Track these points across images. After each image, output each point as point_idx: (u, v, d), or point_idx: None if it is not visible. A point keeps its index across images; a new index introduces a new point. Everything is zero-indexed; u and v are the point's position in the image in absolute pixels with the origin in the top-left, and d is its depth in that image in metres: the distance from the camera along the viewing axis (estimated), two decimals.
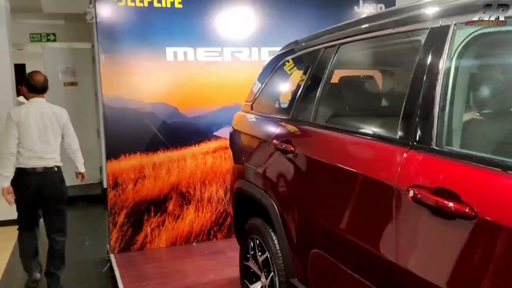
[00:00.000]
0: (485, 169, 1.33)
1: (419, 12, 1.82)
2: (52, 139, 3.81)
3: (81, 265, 4.57)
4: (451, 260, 1.39)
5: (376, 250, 1.71)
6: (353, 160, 1.93)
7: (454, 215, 1.35)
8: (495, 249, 1.27)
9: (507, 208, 1.24)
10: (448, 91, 1.56)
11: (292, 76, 2.90)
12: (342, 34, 2.32)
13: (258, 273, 2.84)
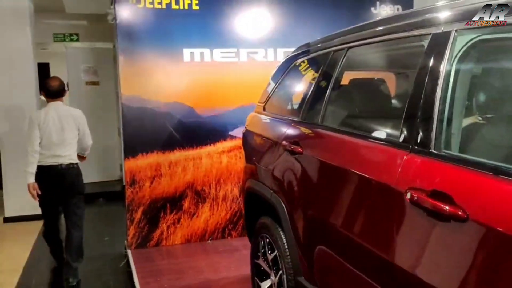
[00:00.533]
0: (478, 173, 1.37)
1: (422, 18, 1.86)
2: (69, 139, 4.06)
3: (100, 260, 4.69)
4: (445, 261, 1.43)
5: (377, 249, 1.76)
6: (357, 162, 1.98)
7: (448, 217, 1.39)
8: (485, 250, 1.30)
9: (497, 211, 1.27)
10: (447, 96, 1.60)
11: (302, 78, 2.94)
12: (350, 38, 2.37)
13: (268, 271, 2.91)
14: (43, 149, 3.96)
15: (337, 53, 2.46)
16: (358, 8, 5.07)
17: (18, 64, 5.83)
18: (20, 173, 4.71)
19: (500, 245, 1.26)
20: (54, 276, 4.47)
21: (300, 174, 2.43)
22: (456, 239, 1.39)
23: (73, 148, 4.10)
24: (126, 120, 4.56)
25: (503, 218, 1.25)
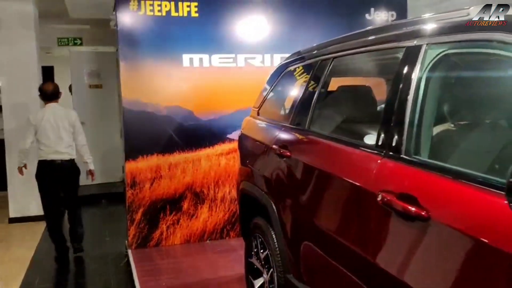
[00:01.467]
0: (440, 177, 1.51)
1: (399, 32, 1.99)
2: (65, 136, 4.61)
3: (101, 259, 4.83)
4: (411, 257, 1.57)
5: (354, 247, 1.89)
6: (337, 166, 2.11)
7: (413, 217, 1.53)
8: (444, 248, 1.44)
9: (454, 211, 1.41)
10: (417, 104, 1.73)
11: (293, 85, 3.08)
12: (336, 48, 2.50)
13: (260, 269, 3.04)
14: (44, 146, 4.53)
15: (324, 62, 2.60)
16: (352, 15, 5.19)
17: (24, 67, 6.01)
18: (24, 175, 4.91)
19: (457, 243, 1.39)
20: (58, 275, 4.63)
21: (288, 176, 2.57)
22: (420, 237, 1.52)
23: (71, 145, 4.66)
24: (127, 123, 4.71)
25: (460, 218, 1.39)
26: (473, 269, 1.33)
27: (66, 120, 4.64)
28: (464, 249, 1.36)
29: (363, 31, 2.37)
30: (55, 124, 4.57)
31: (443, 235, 1.43)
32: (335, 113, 2.58)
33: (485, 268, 1.28)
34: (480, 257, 1.30)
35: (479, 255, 1.30)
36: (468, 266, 1.35)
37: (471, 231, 1.32)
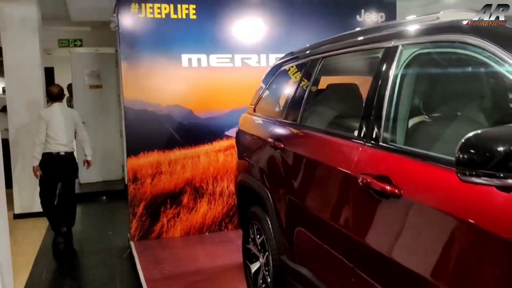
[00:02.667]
0: (411, 159, 1.74)
1: (379, 34, 2.23)
2: (69, 132, 5.31)
3: (105, 252, 5.06)
4: (388, 231, 1.80)
5: (341, 227, 2.12)
6: (325, 154, 2.35)
7: (388, 195, 1.76)
8: (414, 220, 1.67)
9: (422, 188, 1.64)
10: (394, 98, 1.97)
11: (286, 84, 3.31)
12: (325, 48, 2.74)
13: (257, 254, 3.27)
14: (51, 139, 5.14)
15: (314, 62, 2.83)
16: (344, 16, 5.41)
17: (28, 68, 6.21)
18: (29, 172, 5.15)
19: (423, 214, 1.63)
20: (64, 267, 4.85)
21: (282, 166, 2.80)
22: (395, 212, 1.75)
23: (73, 140, 5.37)
24: (128, 122, 4.93)
25: (424, 193, 1.62)
26: (436, 236, 1.56)
27: (70, 118, 5.37)
28: (428, 219, 1.60)
29: (348, 33, 2.61)
30: (61, 121, 5.23)
31: (412, 209, 1.67)
32: (324, 109, 2.82)
33: (445, 233, 1.51)
34: (440, 224, 1.53)
35: (439, 223, 1.54)
36: (433, 234, 1.58)
37: (432, 203, 1.55)
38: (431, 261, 1.56)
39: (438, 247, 1.53)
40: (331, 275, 2.31)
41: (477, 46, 1.60)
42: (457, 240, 1.46)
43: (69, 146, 5.33)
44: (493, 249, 1.34)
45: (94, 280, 4.41)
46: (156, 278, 3.99)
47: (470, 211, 1.40)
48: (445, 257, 1.50)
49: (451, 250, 1.49)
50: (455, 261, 1.48)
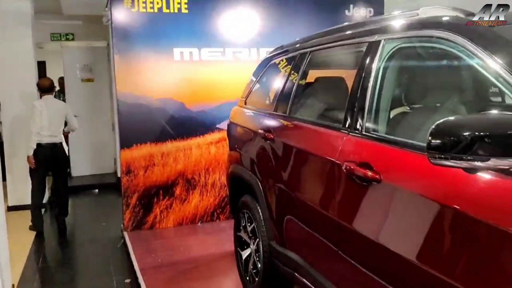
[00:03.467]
0: (390, 147, 1.86)
1: (363, 29, 2.34)
2: (58, 124, 5.43)
3: (99, 242, 5.16)
4: (370, 213, 1.92)
5: (326, 211, 2.25)
6: (311, 143, 2.47)
7: (370, 180, 1.88)
8: (393, 203, 1.80)
9: (399, 173, 1.77)
10: (376, 90, 2.09)
11: (275, 77, 3.42)
12: (312, 43, 2.85)
13: (248, 241, 3.39)
14: (43, 130, 5.24)
15: (302, 56, 2.95)
16: (333, 11, 5.52)
17: (21, 62, 6.25)
18: (22, 165, 5.23)
19: (401, 198, 1.75)
20: (60, 257, 4.95)
21: (272, 156, 2.91)
22: (376, 197, 1.88)
23: (61, 131, 5.50)
24: (121, 115, 5.01)
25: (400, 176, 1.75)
26: (413, 217, 1.69)
27: (60, 110, 5.49)
28: (405, 202, 1.72)
29: (335, 27, 2.72)
30: (51, 113, 5.34)
31: (391, 193, 1.80)
32: (312, 101, 2.93)
33: (420, 214, 1.64)
34: (416, 206, 1.66)
35: (415, 205, 1.67)
36: (410, 216, 1.71)
37: (408, 186, 1.69)
38: (411, 241, 1.69)
39: (416, 228, 1.66)
40: (319, 259, 2.43)
41: (451, 40, 1.72)
42: (431, 219, 1.59)
43: (59, 138, 5.46)
44: (462, 226, 1.47)
45: (89, 269, 4.52)
46: (150, 267, 4.10)
47: (440, 193, 1.53)
48: (422, 237, 1.63)
49: (428, 230, 1.62)
50: (431, 240, 1.61)
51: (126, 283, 4.01)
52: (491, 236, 1.36)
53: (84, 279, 4.33)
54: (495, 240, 1.35)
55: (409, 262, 1.65)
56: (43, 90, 5.52)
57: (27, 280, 4.18)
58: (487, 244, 1.39)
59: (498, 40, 1.60)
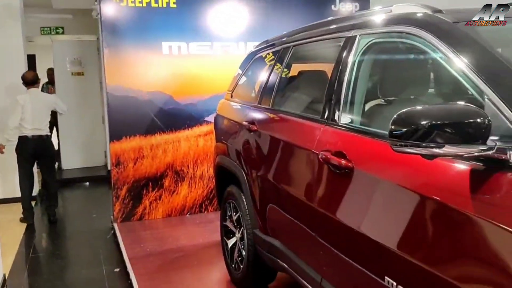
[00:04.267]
0: (362, 136, 1.97)
1: (341, 25, 2.45)
2: (44, 116, 5.48)
3: (89, 233, 5.24)
4: (345, 199, 2.03)
5: (305, 199, 2.35)
6: (291, 134, 2.58)
7: (343, 168, 1.99)
8: (364, 188, 1.91)
9: (368, 160, 1.88)
10: (351, 84, 2.19)
11: (260, 71, 3.51)
12: (294, 38, 2.95)
13: (233, 230, 3.50)
14: (27, 123, 5.29)
15: (285, 50, 3.05)
16: (319, 6, 5.62)
17: (10, 55, 6.28)
18: (10, 158, 5.29)
19: (369, 182, 1.87)
20: (50, 247, 5.03)
21: (255, 147, 3.02)
22: (348, 183, 1.99)
23: (47, 124, 5.54)
24: (110, 107, 5.09)
25: (369, 163, 1.87)
26: (381, 201, 1.80)
27: (45, 103, 5.56)
28: (373, 187, 1.84)
29: (316, 23, 2.82)
30: (36, 106, 5.38)
31: (361, 179, 1.91)
32: (294, 94, 3.04)
33: (387, 198, 1.76)
34: (382, 190, 1.78)
35: (381, 189, 1.78)
36: (379, 200, 1.82)
37: (374, 172, 1.80)
38: (381, 225, 1.80)
39: (384, 212, 1.77)
40: (298, 244, 2.55)
41: (419, 36, 1.83)
42: (396, 203, 1.70)
43: (45, 130, 5.48)
44: (423, 208, 1.59)
45: (79, 259, 4.61)
46: (139, 256, 4.20)
47: (403, 178, 1.65)
48: (390, 221, 1.75)
49: (393, 213, 1.73)
50: (397, 223, 1.72)
51: (116, 272, 4.10)
52: (450, 217, 1.48)
53: (74, 269, 4.42)
54: (452, 220, 1.47)
55: (379, 244, 1.77)
56: (27, 83, 5.53)
57: (18, 270, 4.26)
58: (446, 224, 1.50)
59: (461, 37, 1.71)
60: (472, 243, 1.40)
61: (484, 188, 1.38)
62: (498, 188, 1.36)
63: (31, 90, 5.52)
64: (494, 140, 1.38)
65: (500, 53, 1.59)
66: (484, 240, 1.36)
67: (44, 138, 5.49)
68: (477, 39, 1.66)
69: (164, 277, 3.77)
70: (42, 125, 5.45)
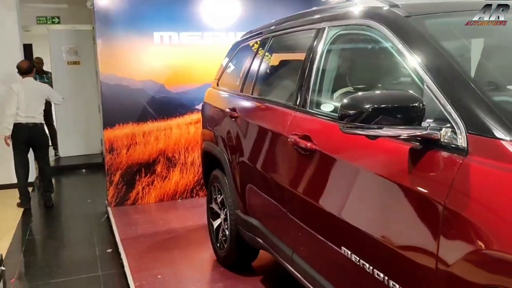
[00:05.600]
0: (325, 121, 2.15)
1: (312, 17, 2.62)
2: (37, 105, 5.65)
3: (84, 217, 5.44)
4: (309, 178, 2.22)
5: (277, 179, 2.54)
6: (266, 120, 2.76)
7: (309, 150, 2.17)
8: (325, 168, 2.10)
9: (327, 142, 2.07)
10: (319, 72, 2.37)
11: (243, 60, 3.68)
12: (273, 29, 3.12)
13: (218, 211, 3.69)
14: (21, 111, 5.47)
15: (265, 40, 3.21)
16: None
17: (7, 45, 6.43)
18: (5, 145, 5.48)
19: (329, 162, 2.06)
20: (46, 230, 5.24)
21: (236, 133, 3.20)
22: (312, 162, 2.18)
23: (41, 112, 5.69)
24: (104, 96, 5.26)
25: (326, 144, 2.06)
26: (338, 177, 1.99)
27: (39, 92, 5.71)
28: (329, 164, 2.04)
29: (293, 15, 2.99)
30: (30, 94, 5.56)
31: (323, 159, 2.10)
32: (272, 82, 3.22)
33: (342, 175, 1.95)
34: (335, 167, 1.97)
35: (335, 166, 1.98)
36: (332, 175, 2.02)
37: (330, 152, 1.99)
38: (335, 199, 2.00)
39: (338, 187, 1.96)
40: (272, 222, 2.74)
41: (376, 29, 2.00)
42: (346, 179, 1.90)
43: (38, 118, 5.63)
44: (368, 183, 1.78)
45: (74, 240, 4.82)
46: (131, 237, 4.40)
47: (351, 156, 1.84)
48: (343, 195, 1.94)
49: (345, 188, 1.93)
50: (348, 196, 1.92)
51: (108, 252, 4.30)
52: (390, 190, 1.67)
53: (69, 249, 4.61)
54: (393, 192, 1.66)
55: (335, 217, 1.96)
56: (22, 72, 5.68)
57: (15, 251, 4.46)
58: (388, 196, 1.69)
59: (409, 30, 1.88)
60: (408, 212, 1.58)
61: (420, 164, 1.57)
62: (431, 164, 1.54)
63: (25, 79, 5.67)
64: (430, 122, 1.56)
65: (440, 45, 1.76)
66: (418, 209, 1.55)
67: (38, 125, 5.66)
68: (422, 32, 1.83)
69: (154, 257, 3.96)
70: (35, 113, 5.60)
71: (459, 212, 1.37)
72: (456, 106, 1.52)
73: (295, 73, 2.69)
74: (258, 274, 3.55)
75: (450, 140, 1.50)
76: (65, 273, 3.94)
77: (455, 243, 1.38)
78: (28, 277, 3.99)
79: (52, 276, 3.89)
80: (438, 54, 1.71)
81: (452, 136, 1.50)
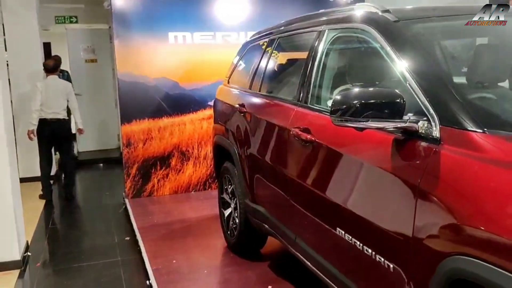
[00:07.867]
0: (323, 115, 2.38)
1: (315, 20, 2.85)
2: (61, 101, 5.92)
3: (103, 208, 5.75)
4: (309, 167, 2.46)
5: (283, 170, 2.78)
6: (272, 115, 3.00)
7: (308, 141, 2.41)
8: (322, 157, 2.33)
9: (322, 133, 2.30)
10: (319, 70, 2.60)
11: (252, 59, 3.91)
12: (279, 30, 3.35)
13: (228, 201, 3.94)
14: (45, 107, 5.77)
15: (272, 41, 3.45)
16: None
17: (27, 44, 6.76)
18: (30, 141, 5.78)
19: (324, 152, 2.29)
20: (68, 220, 5.55)
21: (245, 126, 3.44)
22: (312, 153, 2.41)
23: (65, 109, 5.98)
24: (121, 93, 5.54)
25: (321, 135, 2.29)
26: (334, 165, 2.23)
27: (63, 89, 5.95)
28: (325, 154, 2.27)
29: (296, 18, 3.21)
30: (55, 91, 5.83)
31: (321, 150, 2.33)
32: (278, 79, 3.46)
33: (336, 163, 2.18)
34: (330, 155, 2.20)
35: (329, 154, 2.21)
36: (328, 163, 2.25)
37: (325, 142, 2.22)
38: (331, 185, 2.23)
39: (333, 174, 2.19)
40: (277, 209, 2.98)
41: (368, 32, 2.22)
42: (339, 166, 2.13)
43: (62, 114, 5.90)
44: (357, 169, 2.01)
45: (93, 230, 5.12)
46: (147, 226, 4.67)
47: (342, 146, 2.07)
48: (337, 181, 2.18)
49: (339, 174, 2.17)
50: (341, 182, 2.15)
51: (126, 240, 4.58)
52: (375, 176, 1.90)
53: (89, 237, 4.91)
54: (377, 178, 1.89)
55: (332, 202, 2.20)
56: (48, 70, 5.97)
57: (39, 238, 4.78)
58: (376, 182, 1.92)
59: (396, 34, 2.10)
60: (391, 193, 1.81)
61: (401, 152, 1.79)
62: (410, 152, 1.77)
63: (50, 77, 5.94)
64: (410, 116, 1.78)
65: (424, 47, 1.98)
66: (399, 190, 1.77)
67: (62, 121, 5.93)
68: (408, 35, 2.05)
69: (169, 244, 4.23)
70: (60, 109, 5.87)
71: (430, 192, 1.60)
72: (432, 102, 1.75)
73: (298, 71, 2.92)
74: (266, 260, 3.79)
75: (427, 131, 1.72)
76: (87, 259, 4.23)
77: (427, 219, 1.60)
78: (52, 262, 4.30)
79: (75, 261, 4.18)
80: (420, 56, 1.93)
81: (428, 127, 1.72)
